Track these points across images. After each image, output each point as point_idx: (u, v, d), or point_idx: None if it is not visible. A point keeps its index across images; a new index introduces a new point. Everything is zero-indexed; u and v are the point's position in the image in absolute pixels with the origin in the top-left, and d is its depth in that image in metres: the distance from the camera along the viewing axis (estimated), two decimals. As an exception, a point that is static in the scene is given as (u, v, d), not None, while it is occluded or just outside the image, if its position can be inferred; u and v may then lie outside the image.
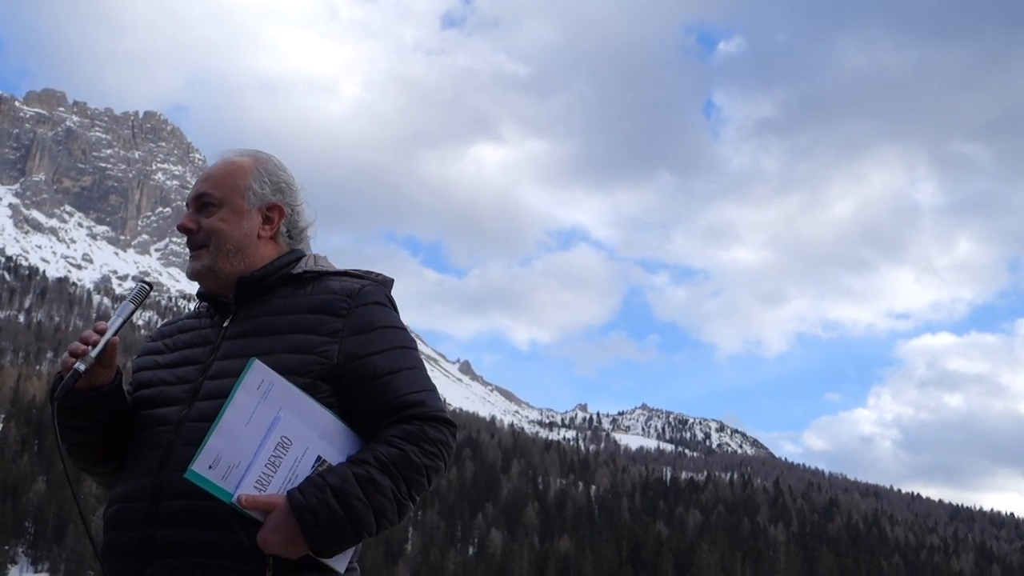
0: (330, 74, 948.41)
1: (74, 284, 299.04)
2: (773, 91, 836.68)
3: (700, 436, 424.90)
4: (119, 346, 2.02)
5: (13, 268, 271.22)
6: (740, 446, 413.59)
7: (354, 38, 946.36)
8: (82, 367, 1.95)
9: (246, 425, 1.90)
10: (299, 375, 1.99)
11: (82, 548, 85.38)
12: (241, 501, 1.87)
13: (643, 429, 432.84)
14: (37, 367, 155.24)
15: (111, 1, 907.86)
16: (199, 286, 2.22)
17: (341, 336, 2.04)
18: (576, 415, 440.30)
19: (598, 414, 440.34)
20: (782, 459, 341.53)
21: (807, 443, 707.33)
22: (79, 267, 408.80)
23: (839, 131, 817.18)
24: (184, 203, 2.55)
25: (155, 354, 2.22)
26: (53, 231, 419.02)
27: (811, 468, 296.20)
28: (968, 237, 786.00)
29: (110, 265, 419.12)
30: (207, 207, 2.17)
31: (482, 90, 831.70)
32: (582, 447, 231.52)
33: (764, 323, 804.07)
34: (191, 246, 2.18)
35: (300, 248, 2.25)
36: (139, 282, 2.10)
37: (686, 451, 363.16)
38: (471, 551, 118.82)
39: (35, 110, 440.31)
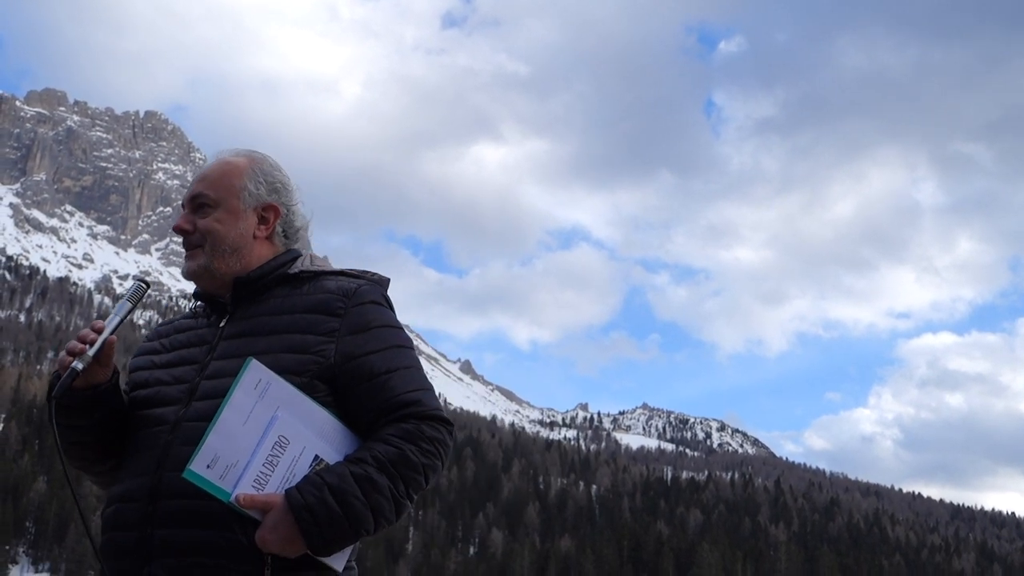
0: (331, 74, 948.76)
1: (75, 284, 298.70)
2: (774, 91, 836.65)
3: (701, 436, 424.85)
4: (117, 345, 2.02)
5: (14, 268, 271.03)
6: (741, 446, 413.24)
7: (355, 38, 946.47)
8: (80, 366, 1.94)
9: (244, 424, 1.91)
10: (296, 374, 1.99)
11: (83, 548, 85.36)
12: (239, 500, 1.87)
13: (644, 429, 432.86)
14: (38, 367, 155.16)
15: (112, 1, 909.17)
16: (195, 286, 2.22)
17: (338, 335, 2.04)
18: (577, 415, 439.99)
19: (599, 414, 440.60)
20: (783, 459, 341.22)
21: (808, 443, 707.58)
22: (80, 267, 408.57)
23: (840, 131, 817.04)
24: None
25: (151, 354, 2.22)
26: (54, 231, 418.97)
27: (812, 468, 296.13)
28: (969, 237, 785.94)
29: (111, 265, 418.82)
30: (203, 208, 2.17)
31: (482, 90, 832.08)
32: (583, 447, 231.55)
33: (765, 323, 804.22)
34: (186, 246, 2.18)
35: (296, 248, 2.25)
36: (136, 281, 2.11)
37: (687, 451, 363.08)
38: (472, 551, 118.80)
39: (36, 110, 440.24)
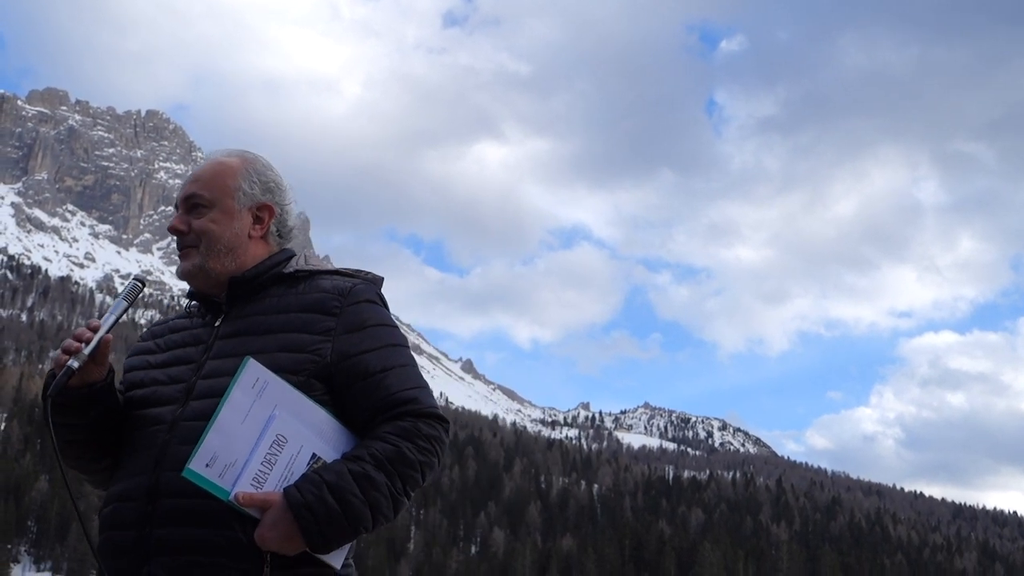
0: (332, 73, 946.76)
1: (76, 283, 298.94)
2: (775, 89, 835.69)
3: (702, 435, 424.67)
4: (113, 343, 2.02)
5: (15, 267, 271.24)
6: (742, 445, 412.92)
7: (356, 37, 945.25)
8: (76, 364, 1.94)
9: (242, 423, 1.91)
10: (293, 373, 2.00)
11: (84, 547, 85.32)
12: (238, 499, 1.88)
13: (645, 428, 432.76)
14: (39, 366, 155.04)
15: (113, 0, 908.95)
16: (189, 286, 2.23)
17: (334, 334, 2.05)
18: (578, 414, 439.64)
19: (600, 413, 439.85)
20: (784, 458, 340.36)
21: (809, 442, 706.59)
22: (81, 266, 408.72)
23: (841, 129, 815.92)
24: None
25: (146, 354, 2.23)
26: (55, 230, 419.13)
27: (813, 467, 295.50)
28: (970, 235, 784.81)
29: (112, 264, 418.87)
30: (197, 208, 2.19)
31: (484, 89, 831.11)
32: (584, 446, 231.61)
33: (766, 322, 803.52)
34: (181, 247, 2.19)
35: (290, 247, 2.27)
36: (132, 279, 2.10)
37: (688, 450, 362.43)
38: (473, 550, 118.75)
39: (37, 109, 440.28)
